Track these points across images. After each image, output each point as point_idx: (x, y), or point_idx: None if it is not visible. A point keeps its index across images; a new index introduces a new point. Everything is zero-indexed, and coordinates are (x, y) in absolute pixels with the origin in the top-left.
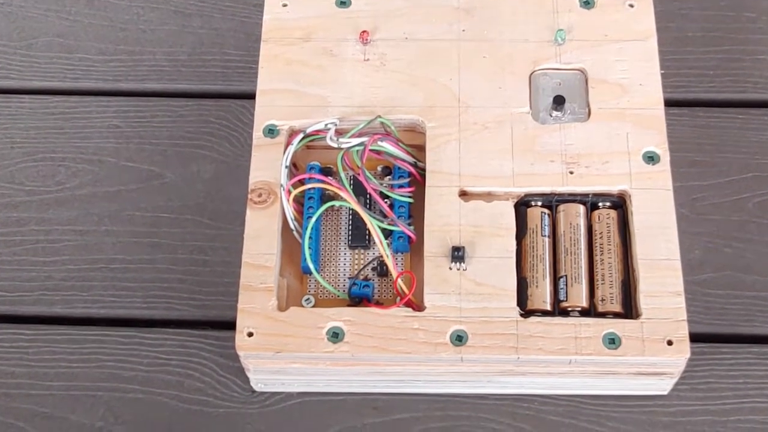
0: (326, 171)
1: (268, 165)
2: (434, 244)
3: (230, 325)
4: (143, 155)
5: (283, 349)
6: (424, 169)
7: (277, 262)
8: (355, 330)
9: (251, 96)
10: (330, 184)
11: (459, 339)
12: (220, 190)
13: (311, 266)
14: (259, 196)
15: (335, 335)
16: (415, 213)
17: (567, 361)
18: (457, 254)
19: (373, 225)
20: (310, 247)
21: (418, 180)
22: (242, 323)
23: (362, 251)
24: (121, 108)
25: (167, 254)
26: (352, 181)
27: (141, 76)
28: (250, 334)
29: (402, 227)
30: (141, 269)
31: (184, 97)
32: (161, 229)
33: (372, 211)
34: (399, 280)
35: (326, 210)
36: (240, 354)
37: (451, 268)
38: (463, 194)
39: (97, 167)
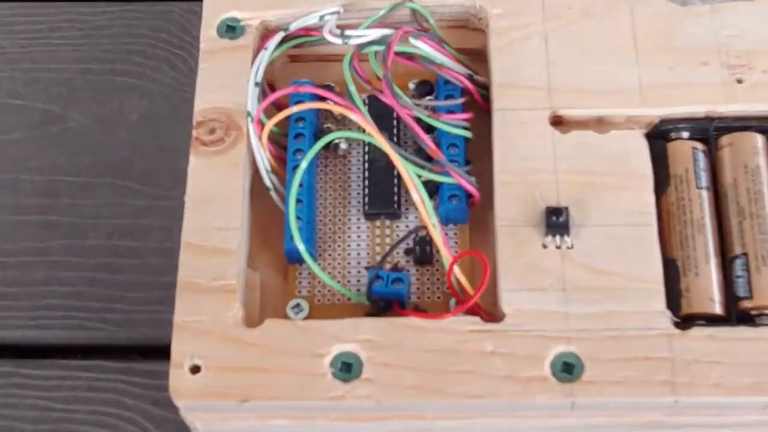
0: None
1: (225, 82)
2: (513, 207)
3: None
4: (36, 89)
5: (253, 395)
6: (485, 86)
7: (243, 244)
8: (382, 357)
9: None
10: (336, 103)
11: (567, 369)
12: (155, 139)
13: (302, 249)
14: (211, 132)
15: (346, 368)
16: (474, 155)
17: (762, 405)
18: (557, 221)
19: (410, 175)
20: (299, 217)
21: (477, 102)
22: (180, 350)
23: (387, 223)
24: (3, 17)
25: (71, 240)
26: (367, 105)
27: None
28: (196, 369)
29: (459, 177)
30: (28, 266)
31: (100, 0)
32: (61, 200)
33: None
34: (455, 270)
35: (325, 152)
36: (178, 404)
37: (546, 246)
38: (558, 122)
39: None
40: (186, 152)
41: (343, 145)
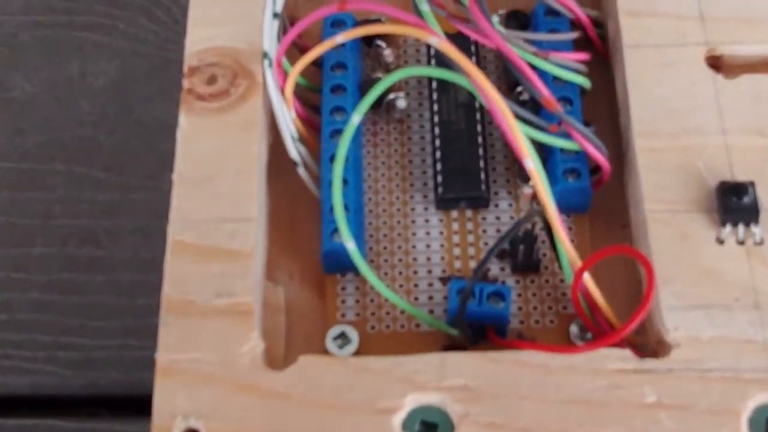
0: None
1: (229, 13)
2: (666, 184)
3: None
4: None
5: None
6: (596, 22)
7: (260, 244)
8: (483, 414)
9: None
10: (405, 22)
11: None
12: (128, 112)
13: (351, 248)
14: (211, 81)
15: (429, 431)
16: (591, 112)
17: None
18: (738, 203)
19: (521, 138)
20: (346, 206)
21: (592, 40)
22: (167, 405)
23: (469, 214)
24: None
25: (10, 250)
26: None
27: None
28: None
29: (585, 141)
30: None
31: None
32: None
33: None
34: (585, 279)
35: (373, 114)
36: None
37: (722, 241)
38: (716, 64)
39: None
40: (170, 129)
41: (402, 103)
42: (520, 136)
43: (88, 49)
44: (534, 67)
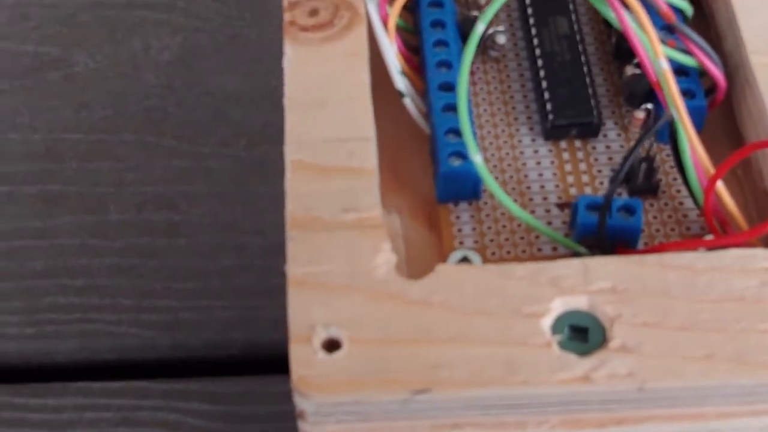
0: None
1: None
2: None
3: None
4: (25, 27)
5: (436, 381)
6: None
7: (377, 165)
8: (635, 314)
9: None
10: None
11: None
12: (195, 84)
13: (479, 162)
14: (313, 14)
15: (579, 335)
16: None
17: None
18: None
19: (654, 36)
20: (453, 130)
21: None
22: (304, 316)
23: (578, 144)
24: None
25: (83, 217)
26: None
27: None
28: (333, 345)
29: (703, 56)
30: (23, 252)
31: None
32: (67, 165)
33: None
34: (719, 188)
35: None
36: (303, 405)
37: None
38: None
39: None
40: (239, 99)
41: (502, 38)
42: (654, 33)
43: (149, 26)
44: None
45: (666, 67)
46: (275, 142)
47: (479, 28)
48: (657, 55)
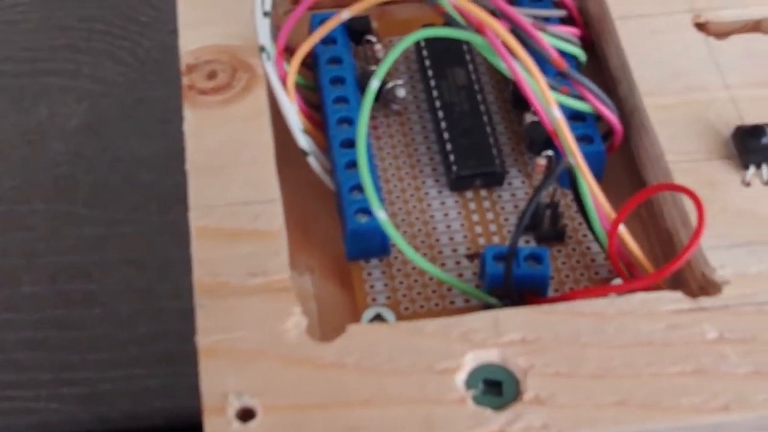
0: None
1: (218, 15)
2: (682, 136)
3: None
4: None
5: None
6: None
7: (283, 226)
8: (547, 365)
9: None
10: None
11: None
12: (105, 150)
13: (383, 218)
14: (211, 77)
15: (493, 388)
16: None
17: None
18: (758, 144)
19: (545, 86)
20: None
21: (575, 20)
22: (215, 384)
23: (484, 193)
24: None
25: (2, 290)
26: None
27: None
28: (247, 414)
29: (596, 101)
30: None
31: None
32: None
33: None
34: (621, 232)
35: (375, 101)
36: None
37: (748, 184)
38: (703, 29)
39: None
40: (149, 163)
41: (402, 92)
42: (543, 83)
43: (54, 93)
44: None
45: (559, 116)
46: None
47: (374, 85)
48: (548, 104)
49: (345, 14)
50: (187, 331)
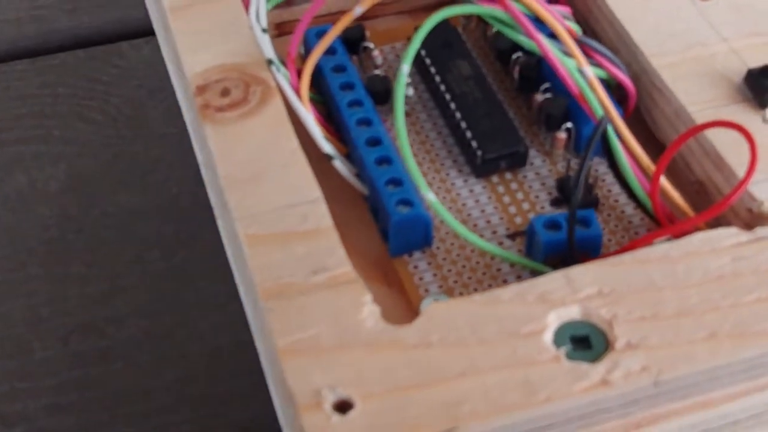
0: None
1: (218, 36)
2: (694, 88)
3: None
4: None
5: (465, 416)
6: None
7: (330, 222)
8: (630, 311)
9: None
10: None
11: None
12: (93, 206)
13: (432, 199)
14: (224, 94)
15: (582, 343)
16: None
17: None
18: None
19: (573, 46)
20: (396, 180)
21: None
22: (305, 383)
23: (508, 176)
24: None
25: (13, 361)
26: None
27: None
28: (344, 406)
29: (609, 65)
30: None
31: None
32: None
33: None
34: (662, 182)
35: (378, 108)
36: None
37: None
38: None
39: None
40: (141, 213)
41: (409, 92)
42: (575, 46)
43: (28, 160)
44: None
45: (592, 74)
46: (191, 248)
47: (404, 69)
48: (581, 65)
49: (358, 9)
50: (216, 372)
